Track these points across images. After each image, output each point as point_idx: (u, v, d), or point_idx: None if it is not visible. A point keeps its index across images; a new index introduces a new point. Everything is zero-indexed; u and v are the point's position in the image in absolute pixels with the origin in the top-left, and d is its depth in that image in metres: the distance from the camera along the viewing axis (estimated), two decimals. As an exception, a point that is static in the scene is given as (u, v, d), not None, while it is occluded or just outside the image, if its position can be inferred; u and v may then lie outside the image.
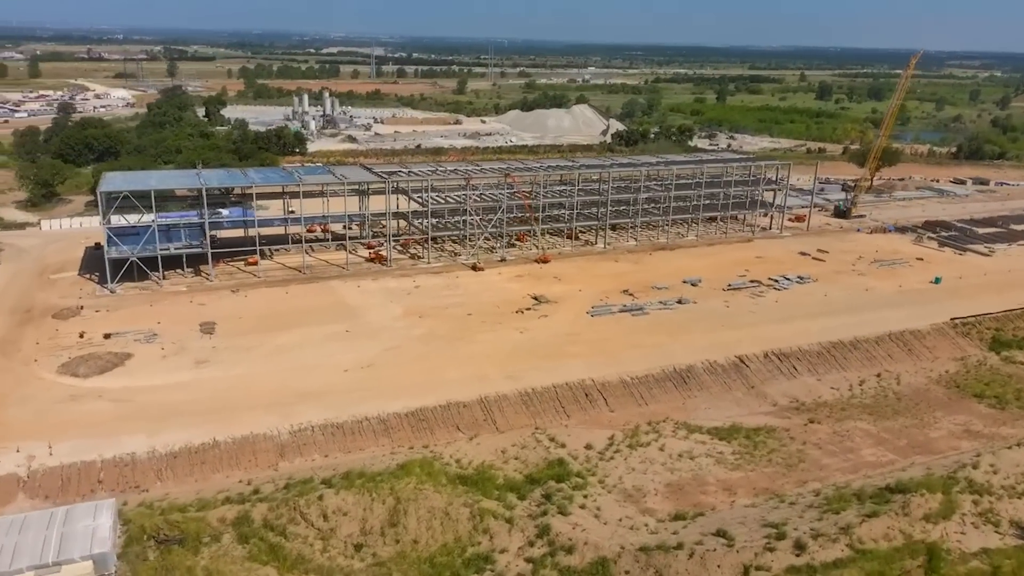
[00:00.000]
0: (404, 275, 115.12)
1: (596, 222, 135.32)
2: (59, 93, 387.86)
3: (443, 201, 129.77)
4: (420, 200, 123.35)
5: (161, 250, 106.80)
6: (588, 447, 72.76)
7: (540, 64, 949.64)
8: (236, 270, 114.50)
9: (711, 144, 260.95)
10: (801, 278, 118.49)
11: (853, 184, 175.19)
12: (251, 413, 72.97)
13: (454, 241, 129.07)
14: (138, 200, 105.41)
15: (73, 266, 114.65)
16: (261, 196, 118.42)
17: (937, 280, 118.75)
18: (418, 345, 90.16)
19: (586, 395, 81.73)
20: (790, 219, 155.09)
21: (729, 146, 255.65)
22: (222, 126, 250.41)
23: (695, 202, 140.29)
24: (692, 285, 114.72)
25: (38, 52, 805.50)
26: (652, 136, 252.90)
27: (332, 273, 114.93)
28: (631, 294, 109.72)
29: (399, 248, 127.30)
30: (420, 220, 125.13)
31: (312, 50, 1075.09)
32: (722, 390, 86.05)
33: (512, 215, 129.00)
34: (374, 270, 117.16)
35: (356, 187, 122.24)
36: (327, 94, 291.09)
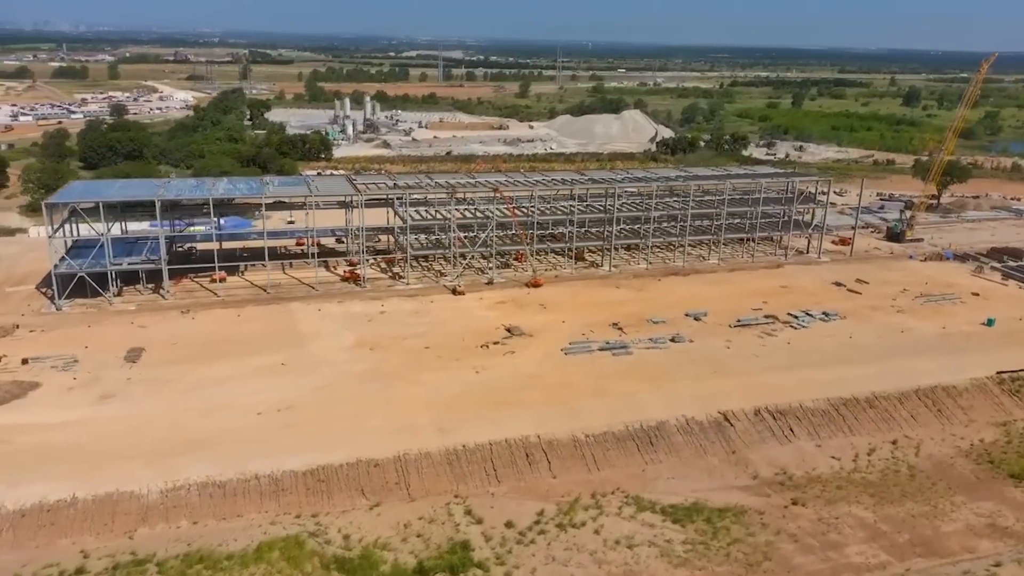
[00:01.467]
0: (375, 298, 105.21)
1: (602, 242, 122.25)
2: (125, 94, 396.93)
3: (431, 216, 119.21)
4: (403, 214, 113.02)
5: (113, 265, 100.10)
6: (509, 525, 60.89)
7: (616, 67, 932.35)
8: (199, 287, 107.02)
9: (768, 153, 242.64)
10: (826, 315, 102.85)
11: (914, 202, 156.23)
12: (128, 464, 64.06)
13: (447, 260, 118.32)
14: (109, 210, 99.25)
15: (37, 278, 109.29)
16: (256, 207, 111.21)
17: (990, 322, 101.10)
18: (353, 384, 79.87)
19: (527, 455, 69.68)
20: (834, 241, 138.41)
21: (788, 156, 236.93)
22: (260, 130, 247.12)
23: (717, 221, 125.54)
24: (695, 319, 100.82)
25: (127, 54, 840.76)
26: (702, 144, 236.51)
27: (298, 293, 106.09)
28: (620, 328, 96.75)
29: (381, 266, 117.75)
30: (405, 236, 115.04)
31: (392, 53, 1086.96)
32: (694, 454, 72.51)
33: (510, 233, 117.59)
34: (345, 291, 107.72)
35: (339, 199, 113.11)
36: (367, 98, 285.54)
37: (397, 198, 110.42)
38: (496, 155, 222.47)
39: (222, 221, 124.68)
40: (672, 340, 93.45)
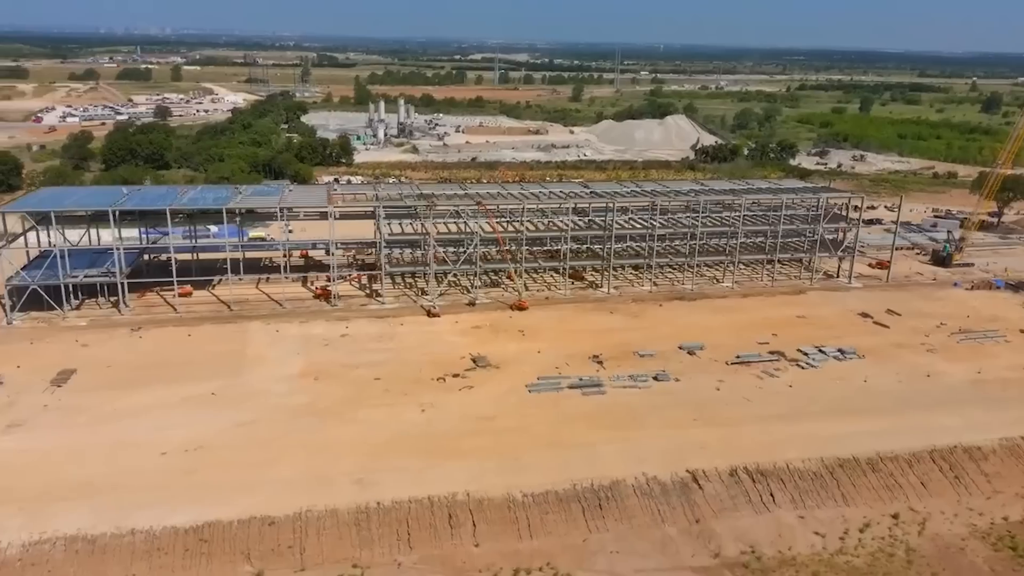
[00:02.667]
0: (342, 318, 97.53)
1: (601, 261, 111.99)
2: (179, 96, 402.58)
3: (414, 230, 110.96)
4: (380, 228, 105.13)
5: (69, 278, 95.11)
6: (405, 606, 51.94)
7: (681, 70, 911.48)
8: (162, 302, 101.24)
9: (819, 163, 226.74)
10: (842, 352, 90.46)
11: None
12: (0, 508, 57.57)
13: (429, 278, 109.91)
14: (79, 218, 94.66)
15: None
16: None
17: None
18: (281, 421, 72.08)
19: (450, 517, 60.56)
20: (870, 264, 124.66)
21: (840, 165, 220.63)
22: (292, 133, 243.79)
23: (733, 240, 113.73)
24: (688, 353, 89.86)
25: (197, 56, 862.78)
26: (745, 152, 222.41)
27: (263, 311, 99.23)
28: (600, 361, 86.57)
29: (362, 283, 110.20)
30: (388, 251, 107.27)
31: (458, 56, 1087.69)
32: (650, 522, 62.13)
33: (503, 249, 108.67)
34: (313, 309, 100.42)
35: (313, 210, 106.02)
36: (401, 101, 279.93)
37: (373, 210, 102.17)
38: (523, 162, 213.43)
39: (214, 229, 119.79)
40: (655, 378, 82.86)
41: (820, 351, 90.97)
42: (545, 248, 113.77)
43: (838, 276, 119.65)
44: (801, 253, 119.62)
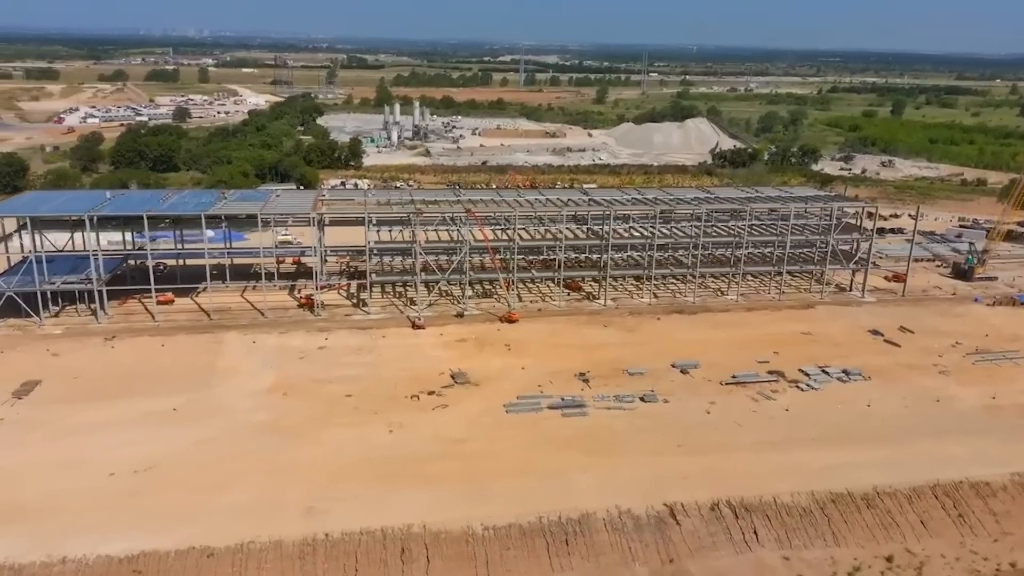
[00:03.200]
0: (323, 329, 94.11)
1: (598, 271, 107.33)
2: (204, 97, 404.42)
3: (403, 237, 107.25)
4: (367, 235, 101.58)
5: (47, 285, 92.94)
6: (341, 652, 48.06)
7: (712, 72, 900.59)
8: (142, 310, 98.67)
9: (843, 168, 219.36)
10: (846, 373, 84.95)
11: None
12: (-71, 535, 54.79)
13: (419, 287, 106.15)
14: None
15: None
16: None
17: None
18: (241, 440, 68.73)
19: (403, 551, 56.62)
20: (887, 277, 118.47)
21: (865, 171, 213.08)
22: (306, 136, 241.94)
23: (737, 251, 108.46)
24: (681, 372, 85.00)
25: (228, 58, 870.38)
26: (765, 157, 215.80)
27: (243, 321, 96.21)
28: (586, 380, 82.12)
29: (351, 291, 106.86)
30: (375, 259, 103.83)
31: (488, 58, 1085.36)
32: (619, 560, 57.61)
33: (497, 258, 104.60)
34: (295, 319, 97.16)
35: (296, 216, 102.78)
36: (416, 103, 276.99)
37: (359, 217, 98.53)
38: (535, 166, 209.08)
39: (210, 234, 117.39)
40: (642, 399, 78.19)
41: (823, 371, 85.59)
42: (542, 257, 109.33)
43: (851, 290, 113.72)
44: (811, 265, 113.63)
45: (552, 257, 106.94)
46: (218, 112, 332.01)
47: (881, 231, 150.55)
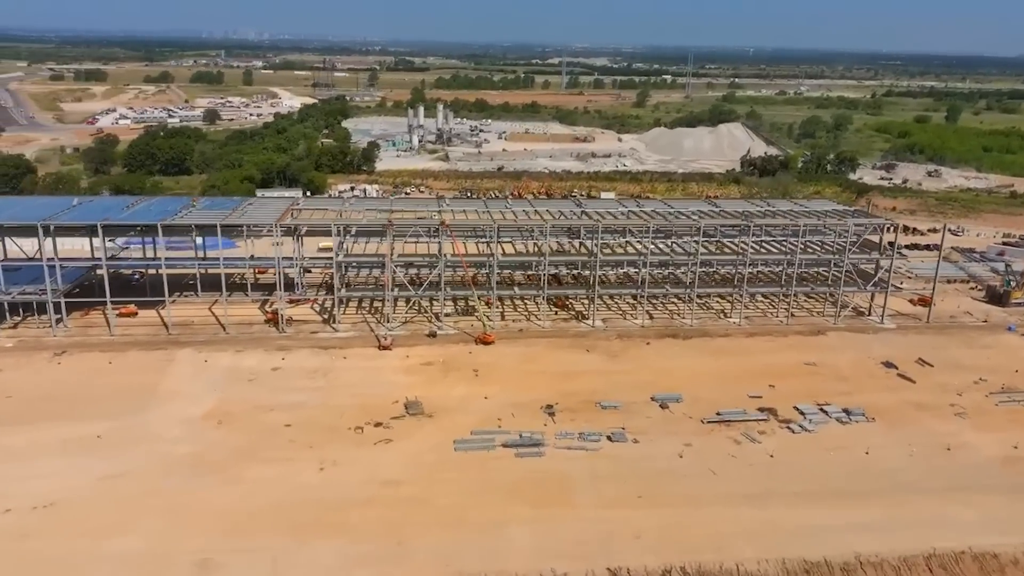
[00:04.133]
0: (282, 348, 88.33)
1: (586, 289, 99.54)
2: (242, 100, 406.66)
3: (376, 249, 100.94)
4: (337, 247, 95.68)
5: (2, 295, 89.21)
6: None
7: (764, 74, 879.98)
8: (104, 323, 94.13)
9: (884, 177, 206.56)
10: (848, 413, 75.76)
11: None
12: None
13: (405, 302, 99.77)
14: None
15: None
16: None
17: (1091, 445, 70.54)
18: (154, 475, 63.09)
19: (298, 616, 50.01)
20: (912, 300, 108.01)
21: (906, 181, 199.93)
22: (327, 139, 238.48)
23: (741, 270, 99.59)
24: (660, 406, 76.86)
25: (277, 60, 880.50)
26: (799, 165, 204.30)
27: (201, 336, 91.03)
28: (552, 413, 74.65)
29: (326, 306, 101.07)
30: (345, 273, 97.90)
31: (536, 61, 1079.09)
32: (545, 638, 50.05)
33: (482, 272, 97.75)
34: (257, 336, 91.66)
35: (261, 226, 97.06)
36: (440, 107, 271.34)
37: (326, 227, 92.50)
38: (552, 172, 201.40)
39: (199, 241, 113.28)
40: (609, 438, 70.42)
41: (821, 410, 76.55)
42: (531, 273, 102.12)
43: (869, 314, 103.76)
44: (824, 287, 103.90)
45: (537, 273, 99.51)
46: (250, 115, 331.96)
47: (914, 247, 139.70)
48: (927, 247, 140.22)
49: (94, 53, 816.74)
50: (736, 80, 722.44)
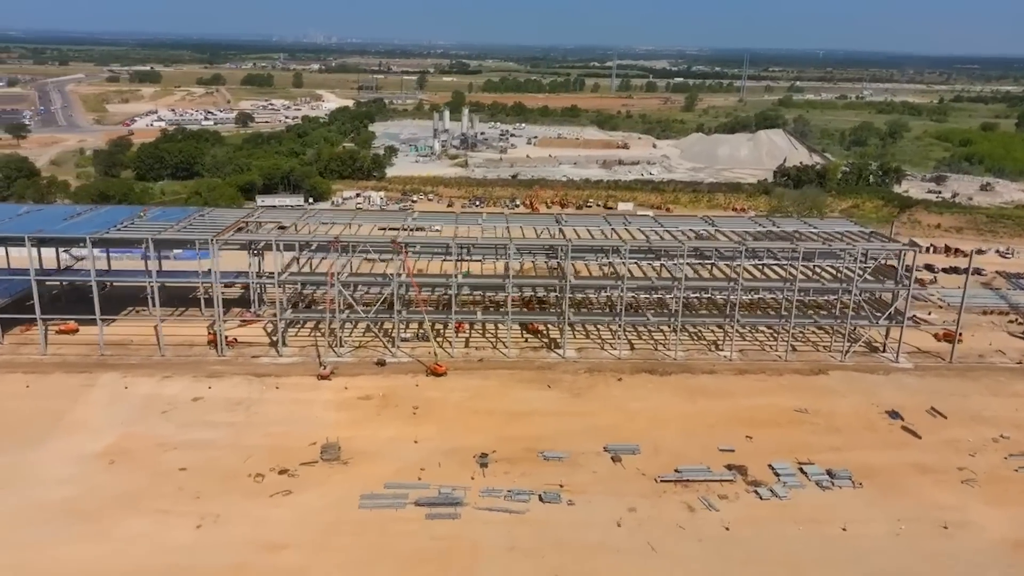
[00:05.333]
0: (213, 375, 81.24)
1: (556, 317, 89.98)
2: (284, 102, 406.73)
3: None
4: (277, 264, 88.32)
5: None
6: None
7: (829, 77, 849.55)
8: (42, 340, 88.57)
9: (932, 190, 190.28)
10: (831, 475, 64.76)
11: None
12: None
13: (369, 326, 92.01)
14: None
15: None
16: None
17: (1126, 531, 57.94)
18: (17, 526, 56.51)
19: None
20: (937, 335, 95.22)
21: (956, 195, 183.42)
22: (350, 143, 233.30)
23: (733, 299, 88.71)
24: (612, 459, 67.16)
25: (333, 63, 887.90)
26: (839, 176, 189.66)
27: (134, 358, 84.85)
28: (485, 464, 65.73)
29: (272, 327, 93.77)
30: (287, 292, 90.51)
31: (595, 64, 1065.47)
32: None
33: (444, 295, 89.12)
34: (192, 359, 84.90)
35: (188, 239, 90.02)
36: (465, 111, 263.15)
37: (263, 244, 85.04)
38: (570, 180, 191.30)
39: (178, 252, 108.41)
40: (540, 497, 61.03)
41: (801, 470, 65.79)
42: (506, 295, 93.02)
43: (884, 350, 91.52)
44: (829, 319, 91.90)
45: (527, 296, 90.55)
46: (285, 118, 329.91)
47: (954, 271, 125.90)
48: (966, 271, 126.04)
49: (160, 55, 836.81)
50: (797, 83, 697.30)
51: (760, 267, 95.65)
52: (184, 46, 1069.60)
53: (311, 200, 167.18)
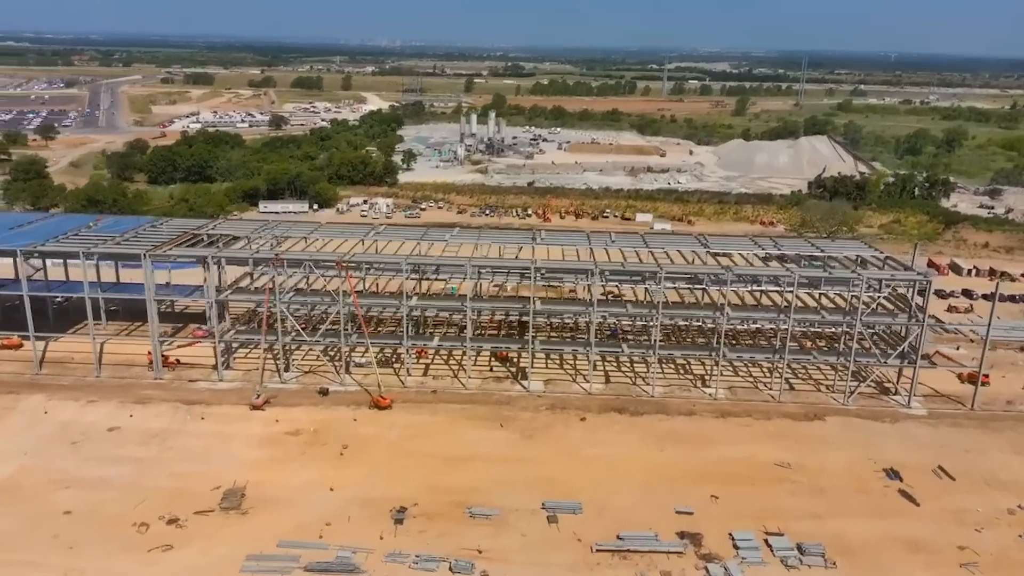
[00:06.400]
0: (140, 400, 75.45)
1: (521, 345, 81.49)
2: (326, 105, 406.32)
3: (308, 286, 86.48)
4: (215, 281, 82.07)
5: None
6: None
7: (895, 81, 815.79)
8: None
9: (984, 204, 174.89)
10: (801, 551, 55.03)
11: None
12: None
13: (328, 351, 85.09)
14: None
15: None
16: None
17: None
18: None
19: None
20: (961, 376, 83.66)
21: (1009, 211, 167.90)
22: (372, 147, 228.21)
23: (720, 329, 79.00)
24: (549, 520, 58.69)
25: (387, 66, 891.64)
26: (882, 188, 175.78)
27: (68, 379, 79.91)
28: (400, 520, 58.05)
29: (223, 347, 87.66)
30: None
31: (654, 66, 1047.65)
32: None
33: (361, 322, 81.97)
34: (125, 382, 79.59)
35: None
36: (492, 115, 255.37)
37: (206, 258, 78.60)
38: (588, 188, 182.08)
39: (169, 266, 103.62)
40: (451, 568, 52.94)
41: (766, 541, 56.18)
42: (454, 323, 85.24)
43: (895, 392, 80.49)
44: (830, 356, 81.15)
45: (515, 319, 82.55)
46: (320, 120, 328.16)
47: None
48: (1013, 298, 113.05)
49: (223, 58, 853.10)
50: (860, 87, 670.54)
51: (759, 294, 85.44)
52: (250, 49, 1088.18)
53: (316, 207, 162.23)
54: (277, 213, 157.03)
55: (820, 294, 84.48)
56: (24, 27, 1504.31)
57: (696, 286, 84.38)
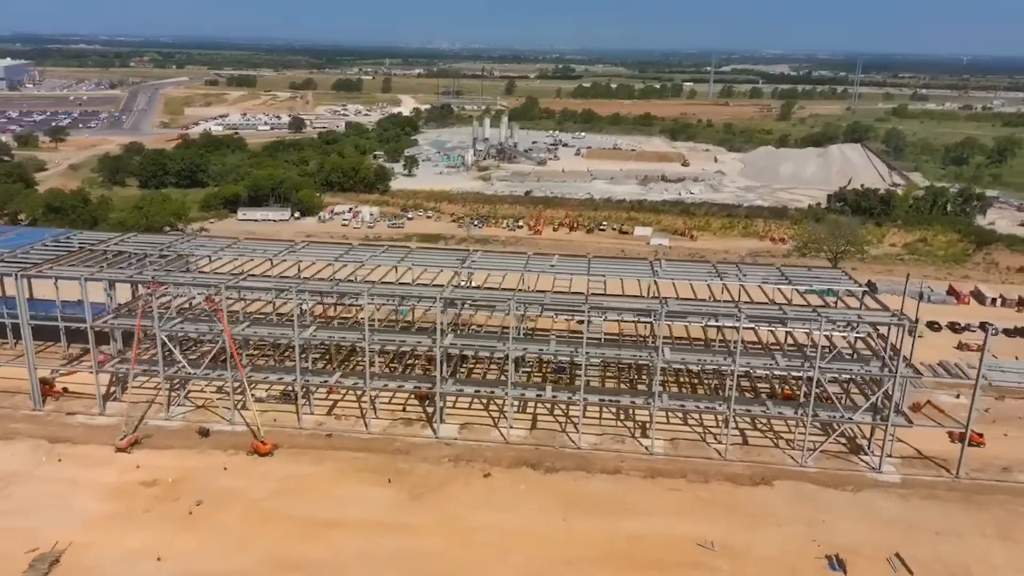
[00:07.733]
0: (4, 436, 68.35)
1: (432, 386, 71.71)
2: (358, 107, 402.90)
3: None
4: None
5: None
6: None
7: (961, 85, 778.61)
8: None
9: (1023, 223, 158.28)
10: (689, 670, 43.96)
11: None
12: None
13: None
14: None
15: None
16: None
17: None
18: None
19: None
20: (952, 434, 70.79)
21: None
22: (378, 152, 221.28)
23: (654, 370, 68.14)
24: (395, 611, 48.82)
25: (435, 69, 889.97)
26: (910, 202, 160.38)
27: (-54, 410, 73.10)
28: (219, 605, 48.90)
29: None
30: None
31: (709, 68, 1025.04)
32: None
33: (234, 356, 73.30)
34: (2, 412, 72.37)
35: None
36: (505, 119, 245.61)
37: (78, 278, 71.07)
38: (590, 198, 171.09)
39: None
40: (251, 674, 43.59)
41: (651, 656, 45.29)
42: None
43: (868, 451, 68.35)
44: (784, 407, 69.17)
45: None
46: (341, 124, 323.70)
47: (1020, 333, 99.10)
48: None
49: (276, 60, 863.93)
50: (921, 91, 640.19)
51: (714, 331, 74.20)
52: (307, 52, 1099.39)
53: (297, 215, 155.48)
54: (256, 221, 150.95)
55: (786, 332, 72.91)
56: (98, 31, 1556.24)
57: (643, 319, 73.63)
